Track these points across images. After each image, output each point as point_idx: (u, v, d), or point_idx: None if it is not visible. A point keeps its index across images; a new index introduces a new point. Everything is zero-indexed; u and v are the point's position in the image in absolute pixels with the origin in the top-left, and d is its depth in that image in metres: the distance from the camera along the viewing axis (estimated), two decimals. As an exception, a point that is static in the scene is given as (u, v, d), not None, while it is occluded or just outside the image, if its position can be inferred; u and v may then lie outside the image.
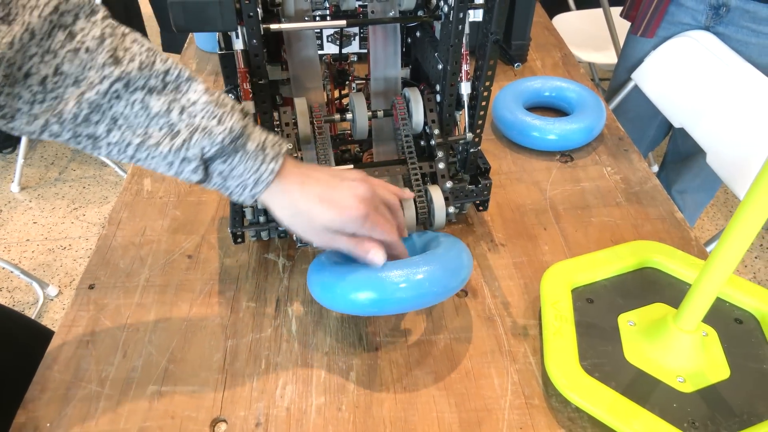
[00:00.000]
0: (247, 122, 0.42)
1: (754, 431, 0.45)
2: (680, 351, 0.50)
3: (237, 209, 0.61)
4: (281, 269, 0.62)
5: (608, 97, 1.22)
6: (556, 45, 1.09)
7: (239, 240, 0.61)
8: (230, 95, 0.60)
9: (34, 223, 1.77)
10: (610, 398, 0.47)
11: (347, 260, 0.49)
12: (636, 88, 1.16)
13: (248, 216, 0.61)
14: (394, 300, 0.45)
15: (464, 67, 0.55)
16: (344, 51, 0.80)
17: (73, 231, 1.75)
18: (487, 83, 0.55)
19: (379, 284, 0.45)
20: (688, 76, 1.03)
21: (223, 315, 0.57)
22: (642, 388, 0.49)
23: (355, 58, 0.71)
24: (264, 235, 0.63)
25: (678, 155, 1.26)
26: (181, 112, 0.39)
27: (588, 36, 1.76)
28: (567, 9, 2.01)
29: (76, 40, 0.36)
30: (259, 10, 0.47)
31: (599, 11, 1.78)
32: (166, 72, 0.39)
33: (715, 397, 0.49)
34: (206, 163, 0.41)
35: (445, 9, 0.52)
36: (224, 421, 0.49)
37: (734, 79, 0.94)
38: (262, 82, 0.51)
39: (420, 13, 0.58)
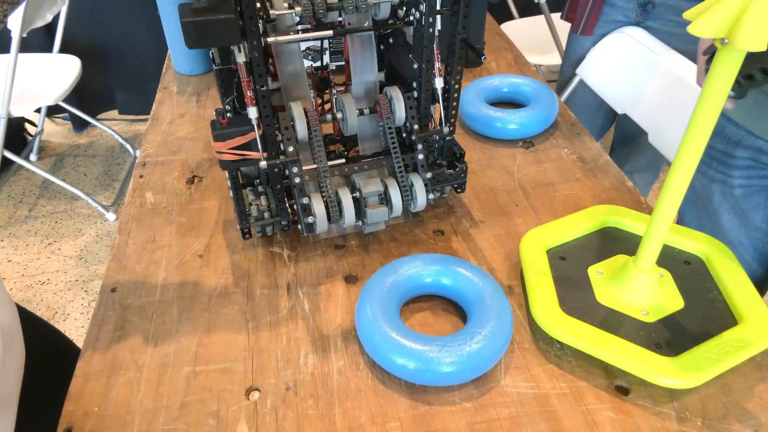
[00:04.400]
0: None
1: (705, 346, 0.54)
2: (642, 289, 0.59)
3: (242, 208, 0.67)
4: (287, 259, 0.69)
5: (557, 92, 1.34)
6: (507, 48, 1.20)
7: (247, 236, 0.67)
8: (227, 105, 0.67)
9: (9, 261, 1.76)
10: (588, 332, 0.56)
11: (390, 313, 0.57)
12: (581, 82, 1.28)
13: (254, 213, 0.67)
14: (441, 374, 0.52)
15: (437, 65, 0.63)
16: (316, 64, 0.88)
17: (49, 265, 1.75)
18: (458, 77, 0.64)
19: (424, 358, 0.52)
20: (625, 67, 1.16)
21: (240, 302, 0.63)
22: (613, 323, 0.58)
23: (334, 68, 0.79)
24: (268, 230, 0.69)
25: (624, 139, 1.38)
26: None
27: (532, 41, 1.89)
28: (511, 17, 2.15)
29: None
30: (260, 25, 0.55)
31: (541, 17, 1.92)
32: None
33: (673, 324, 0.58)
34: None
35: (417, 15, 0.60)
36: (257, 389, 0.54)
37: (665, 66, 1.07)
38: (264, 89, 0.58)
39: (392, 21, 0.66)
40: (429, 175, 0.67)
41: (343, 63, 0.90)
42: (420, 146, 0.67)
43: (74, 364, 0.57)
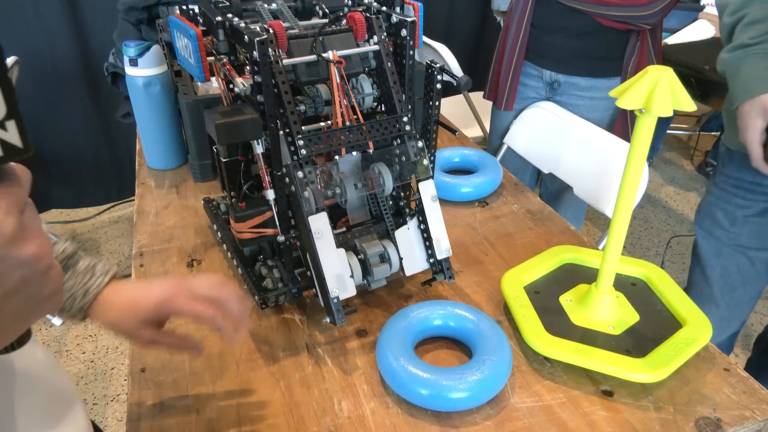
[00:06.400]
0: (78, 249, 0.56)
1: (663, 346, 0.68)
2: (605, 308, 0.72)
3: (257, 282, 0.75)
4: (299, 323, 0.76)
5: (489, 159, 1.53)
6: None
7: (264, 305, 0.74)
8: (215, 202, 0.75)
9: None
10: (572, 347, 0.67)
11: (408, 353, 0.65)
12: (508, 148, 1.47)
13: (269, 285, 0.75)
14: (461, 399, 0.61)
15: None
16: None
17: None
18: (433, 150, 0.77)
19: (446, 387, 0.61)
20: (543, 134, 1.36)
21: (267, 365, 0.69)
22: (589, 338, 0.70)
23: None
24: (282, 299, 0.77)
25: (549, 194, 1.58)
26: None
27: (456, 117, 2.13)
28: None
29: None
30: (278, 122, 0.65)
31: (459, 97, 2.17)
32: None
33: (635, 333, 0.71)
34: None
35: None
36: (302, 438, 0.60)
37: (576, 132, 1.28)
38: (279, 173, 0.68)
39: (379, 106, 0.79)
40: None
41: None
42: (407, 210, 0.78)
43: None
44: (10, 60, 1.64)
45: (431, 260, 0.77)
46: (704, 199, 1.13)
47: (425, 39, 1.84)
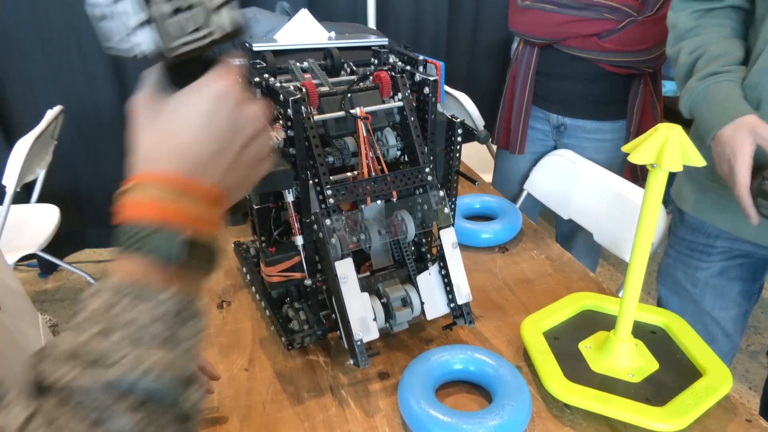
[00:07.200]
0: None
1: (683, 395, 0.68)
2: (624, 356, 0.73)
3: (284, 324, 0.78)
4: (323, 365, 0.78)
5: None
6: (467, 171, 1.41)
7: (290, 347, 0.77)
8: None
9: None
10: (592, 394, 0.68)
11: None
12: (528, 194, 1.50)
13: (295, 327, 0.78)
14: None
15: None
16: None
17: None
18: (454, 199, 0.81)
19: (457, 429, 0.63)
20: (563, 181, 1.39)
21: (292, 405, 0.72)
22: (608, 385, 0.71)
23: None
24: (307, 341, 0.79)
25: (563, 237, 1.61)
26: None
27: (474, 161, 2.17)
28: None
29: None
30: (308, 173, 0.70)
31: (473, 144, 2.22)
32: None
33: (654, 381, 0.71)
34: None
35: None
36: (325, 478, 0.62)
37: (593, 179, 1.30)
38: (308, 220, 0.72)
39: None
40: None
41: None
42: (429, 256, 0.81)
43: None
44: (56, 109, 1.75)
45: (452, 305, 0.79)
46: (663, 261, 1.11)
47: (447, 88, 1.91)
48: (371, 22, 2.21)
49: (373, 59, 0.85)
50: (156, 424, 0.32)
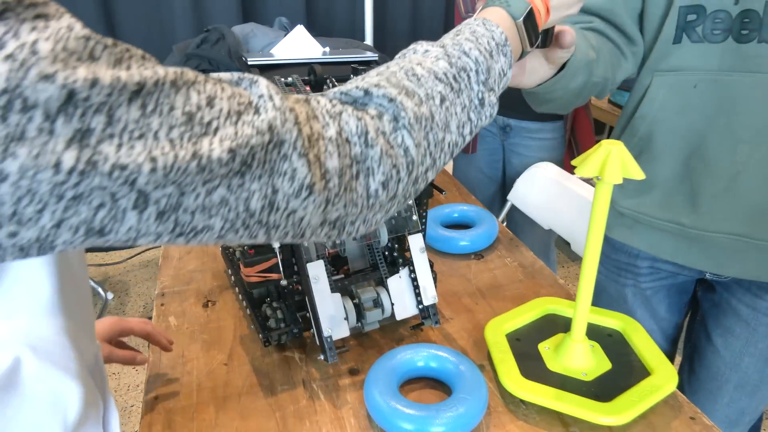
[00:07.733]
0: None
1: (629, 392, 0.73)
2: (579, 356, 0.78)
3: (263, 322, 0.83)
4: (299, 361, 0.84)
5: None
6: (450, 182, 1.47)
7: (267, 343, 0.82)
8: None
9: None
10: (545, 391, 0.73)
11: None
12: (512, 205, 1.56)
13: (273, 325, 0.83)
14: None
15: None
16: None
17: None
18: (425, 207, 0.86)
19: (424, 421, 0.67)
20: (542, 193, 1.45)
21: (266, 397, 0.77)
22: (562, 383, 0.75)
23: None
24: (283, 338, 0.85)
25: (515, 225, 1.71)
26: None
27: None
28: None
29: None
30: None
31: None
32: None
33: (605, 380, 0.76)
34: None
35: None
36: (292, 463, 0.67)
37: (570, 192, 1.36)
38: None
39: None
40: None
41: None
42: (400, 261, 0.87)
43: None
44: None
45: (420, 306, 0.84)
46: (597, 276, 1.13)
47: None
48: (368, 38, 2.29)
49: (352, 76, 0.91)
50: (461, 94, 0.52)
